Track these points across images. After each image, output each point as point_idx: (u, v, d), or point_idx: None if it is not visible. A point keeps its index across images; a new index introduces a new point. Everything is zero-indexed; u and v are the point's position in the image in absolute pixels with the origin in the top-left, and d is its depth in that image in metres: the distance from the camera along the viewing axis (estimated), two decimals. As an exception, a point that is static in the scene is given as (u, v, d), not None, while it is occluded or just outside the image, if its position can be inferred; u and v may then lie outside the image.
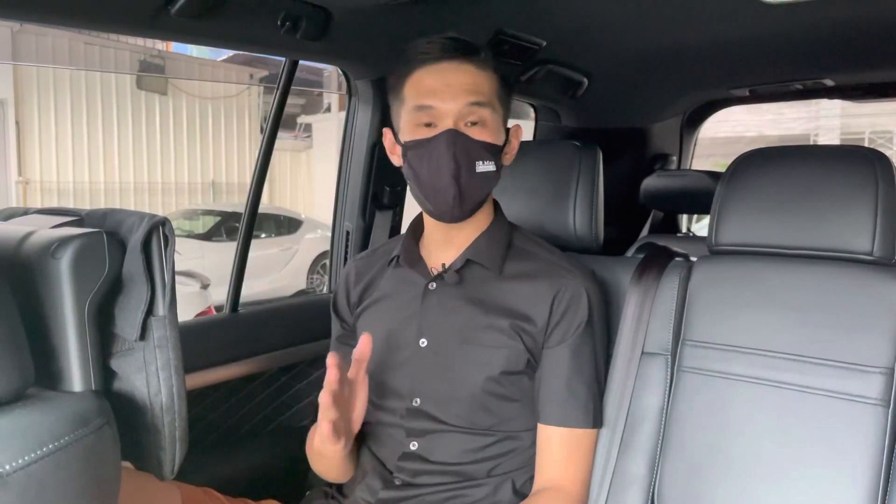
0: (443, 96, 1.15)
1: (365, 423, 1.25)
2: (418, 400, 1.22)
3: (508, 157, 1.25)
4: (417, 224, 1.30)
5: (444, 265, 1.25)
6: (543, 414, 1.21)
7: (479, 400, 1.20)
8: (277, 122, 1.73)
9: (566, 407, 1.20)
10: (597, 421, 1.24)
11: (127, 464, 0.90)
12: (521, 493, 1.22)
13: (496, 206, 1.30)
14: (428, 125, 1.16)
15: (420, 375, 1.22)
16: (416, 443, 1.22)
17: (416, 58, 1.18)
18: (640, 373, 1.26)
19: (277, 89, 1.71)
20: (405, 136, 1.19)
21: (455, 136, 1.14)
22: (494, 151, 1.18)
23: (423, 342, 1.23)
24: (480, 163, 1.16)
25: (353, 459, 1.28)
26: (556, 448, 1.20)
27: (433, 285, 1.24)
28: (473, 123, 1.16)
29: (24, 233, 0.86)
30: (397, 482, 1.22)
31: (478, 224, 1.25)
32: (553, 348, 1.20)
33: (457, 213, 1.18)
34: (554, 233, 1.40)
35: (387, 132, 1.25)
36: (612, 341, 1.30)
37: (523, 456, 1.23)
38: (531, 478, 1.23)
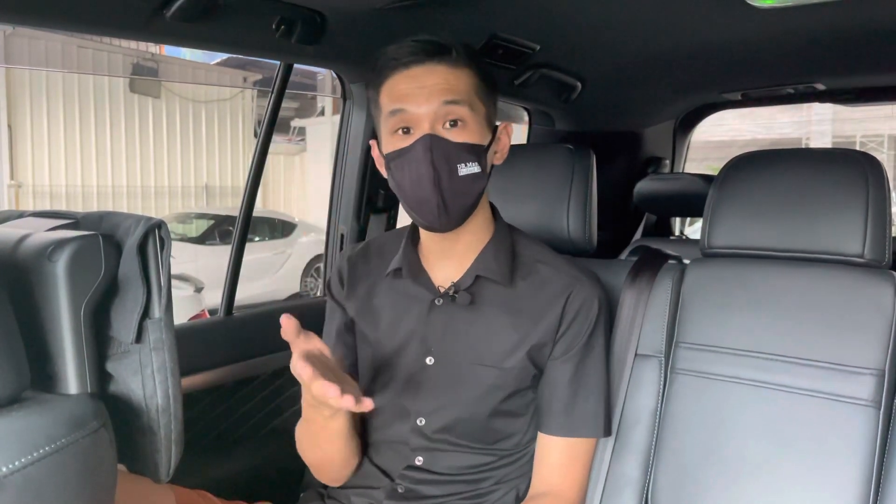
0: (416, 99, 1.10)
1: (367, 438, 1.24)
2: (423, 420, 1.18)
3: (499, 156, 1.19)
4: (415, 231, 1.24)
5: (452, 283, 1.19)
6: (548, 424, 1.18)
7: (486, 421, 1.17)
8: (272, 126, 1.74)
9: (573, 417, 1.18)
10: (607, 429, 1.21)
11: (121, 466, 0.90)
12: (523, 496, 1.22)
13: (494, 211, 1.25)
14: (405, 132, 1.11)
15: (425, 395, 1.18)
16: (421, 458, 1.20)
17: (388, 64, 1.13)
18: (633, 375, 1.26)
19: (272, 93, 1.71)
20: (386, 147, 1.15)
21: (432, 141, 1.08)
22: (478, 151, 1.12)
23: (430, 360, 1.18)
24: (462, 165, 1.10)
25: (355, 444, 1.21)
26: (558, 455, 1.19)
27: (439, 301, 1.19)
28: (453, 124, 1.10)
29: (20, 235, 0.86)
30: (400, 490, 1.20)
31: (476, 232, 1.20)
32: (559, 358, 1.18)
33: (444, 221, 1.12)
34: (548, 236, 1.39)
35: (373, 144, 1.20)
36: (606, 344, 1.30)
37: (528, 465, 1.22)
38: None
